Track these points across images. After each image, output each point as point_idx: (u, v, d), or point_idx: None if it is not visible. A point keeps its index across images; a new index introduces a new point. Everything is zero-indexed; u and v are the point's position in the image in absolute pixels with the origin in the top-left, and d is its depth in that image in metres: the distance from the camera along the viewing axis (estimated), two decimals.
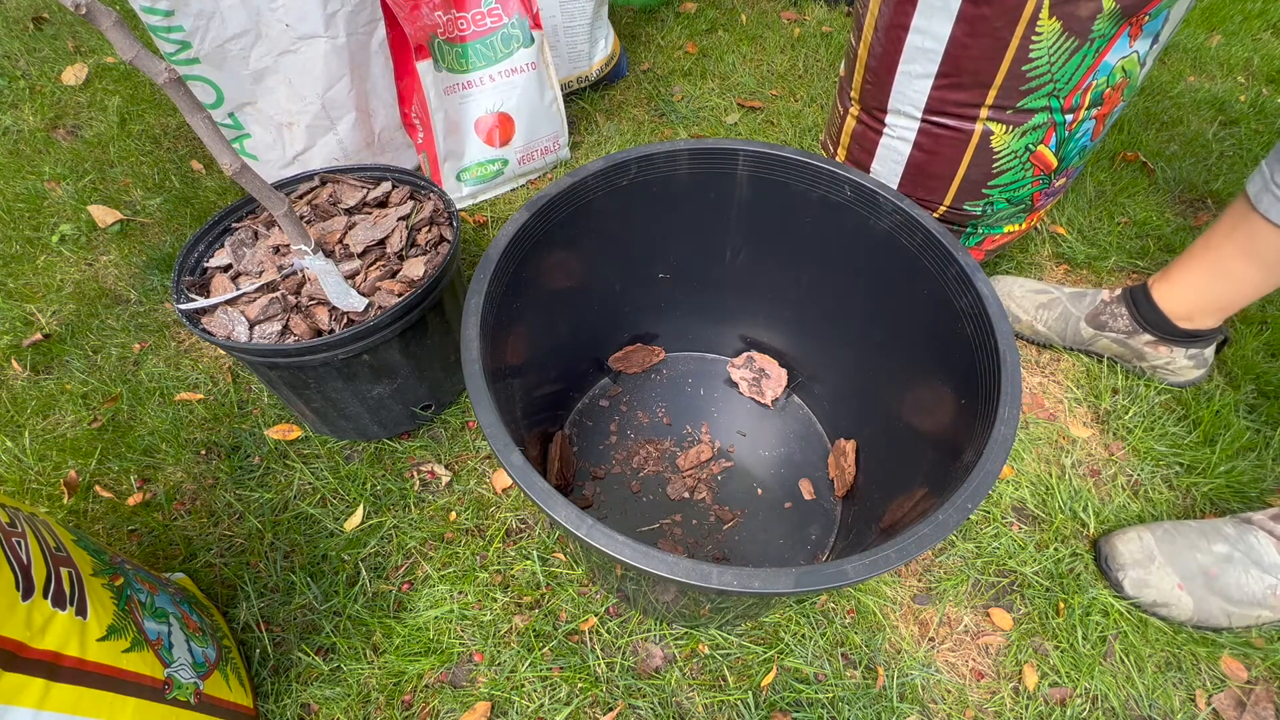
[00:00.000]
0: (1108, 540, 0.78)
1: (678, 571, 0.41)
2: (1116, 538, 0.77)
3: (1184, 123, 1.38)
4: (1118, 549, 0.76)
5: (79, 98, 1.43)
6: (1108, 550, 0.77)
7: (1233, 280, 0.81)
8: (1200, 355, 0.90)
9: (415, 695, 0.70)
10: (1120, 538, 0.77)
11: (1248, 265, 0.79)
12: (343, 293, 0.72)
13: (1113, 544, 0.77)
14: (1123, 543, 0.76)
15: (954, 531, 0.56)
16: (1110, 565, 0.76)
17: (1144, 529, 0.77)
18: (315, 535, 0.81)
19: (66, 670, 0.46)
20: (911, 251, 0.63)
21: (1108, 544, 0.77)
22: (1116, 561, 0.75)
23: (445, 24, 1.01)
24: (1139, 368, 0.95)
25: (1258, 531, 0.73)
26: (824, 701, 0.69)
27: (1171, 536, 0.75)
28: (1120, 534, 0.77)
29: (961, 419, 0.56)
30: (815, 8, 1.73)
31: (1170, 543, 0.74)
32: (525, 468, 0.46)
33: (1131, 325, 0.92)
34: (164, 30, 0.90)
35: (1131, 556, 0.75)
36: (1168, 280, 0.88)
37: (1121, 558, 0.75)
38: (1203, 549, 0.73)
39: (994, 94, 0.75)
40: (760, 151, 0.69)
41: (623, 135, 1.36)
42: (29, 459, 0.87)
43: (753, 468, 0.85)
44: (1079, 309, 0.96)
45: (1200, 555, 0.73)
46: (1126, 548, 0.76)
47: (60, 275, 1.10)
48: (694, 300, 0.87)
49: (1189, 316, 0.87)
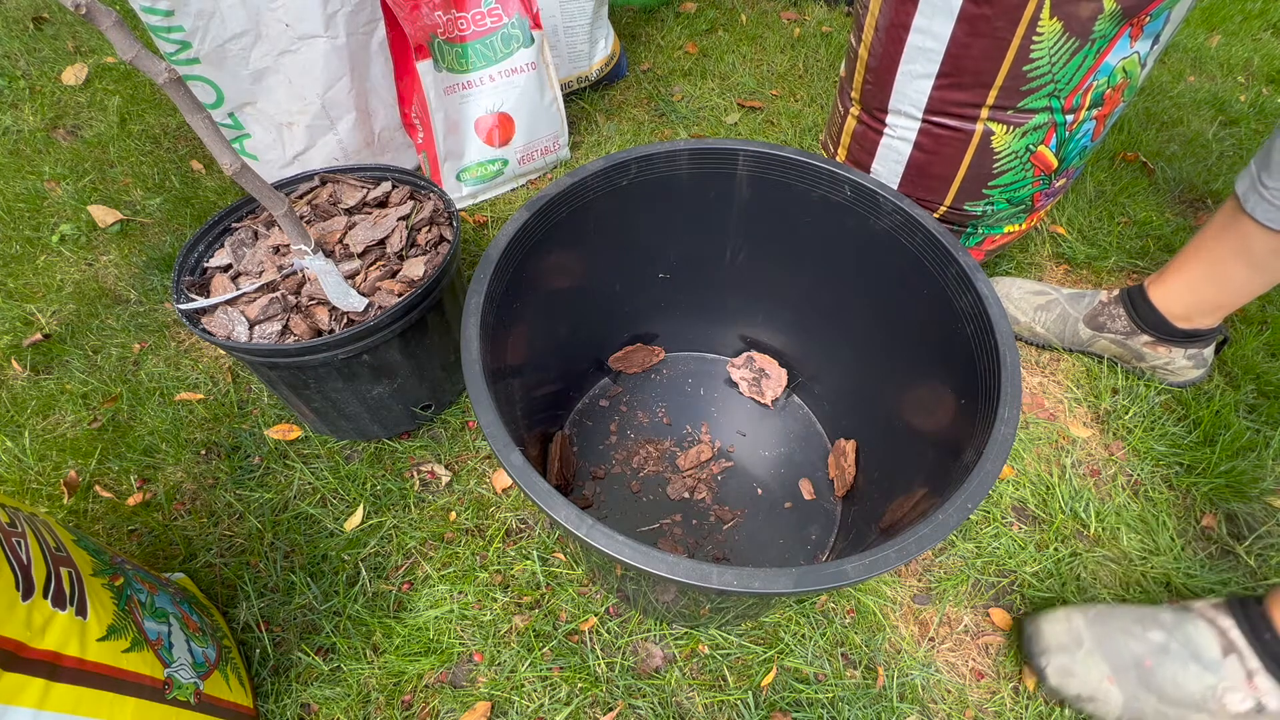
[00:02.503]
0: (1033, 621, 0.70)
1: (678, 571, 0.41)
2: (1043, 619, 0.69)
3: (1184, 123, 1.39)
4: (1042, 630, 0.68)
5: (79, 98, 1.43)
6: (1031, 631, 0.69)
7: (1227, 281, 0.81)
8: (1200, 355, 0.90)
9: (415, 695, 0.70)
10: (1046, 619, 0.69)
11: (1240, 266, 0.78)
12: (343, 293, 0.72)
13: (1038, 625, 0.69)
14: (1048, 624, 0.68)
15: (954, 531, 0.56)
16: (1033, 649, 0.68)
17: (1074, 610, 0.69)
18: (315, 535, 0.81)
19: (66, 670, 0.46)
20: (911, 251, 0.63)
21: (1033, 624, 0.69)
22: (1040, 645, 0.67)
23: (445, 24, 1.01)
24: (1139, 368, 0.95)
25: (1198, 621, 0.64)
26: (824, 701, 0.69)
27: (1103, 619, 0.67)
28: (1047, 615, 0.69)
29: (961, 419, 0.56)
30: (815, 8, 1.73)
31: (1101, 625, 0.66)
32: (525, 468, 0.46)
33: (1130, 326, 0.91)
34: (164, 30, 0.90)
35: (1056, 640, 0.66)
36: (1164, 281, 0.88)
37: (1045, 640, 0.67)
38: (1137, 635, 0.65)
39: (995, 94, 0.75)
40: (760, 151, 0.69)
41: (623, 135, 1.36)
42: (29, 459, 0.87)
43: (753, 468, 0.85)
44: (1077, 310, 0.95)
45: (1134, 643, 0.64)
46: (1052, 629, 0.67)
47: (60, 275, 1.10)
48: (694, 300, 0.87)
49: (1186, 316, 0.86)
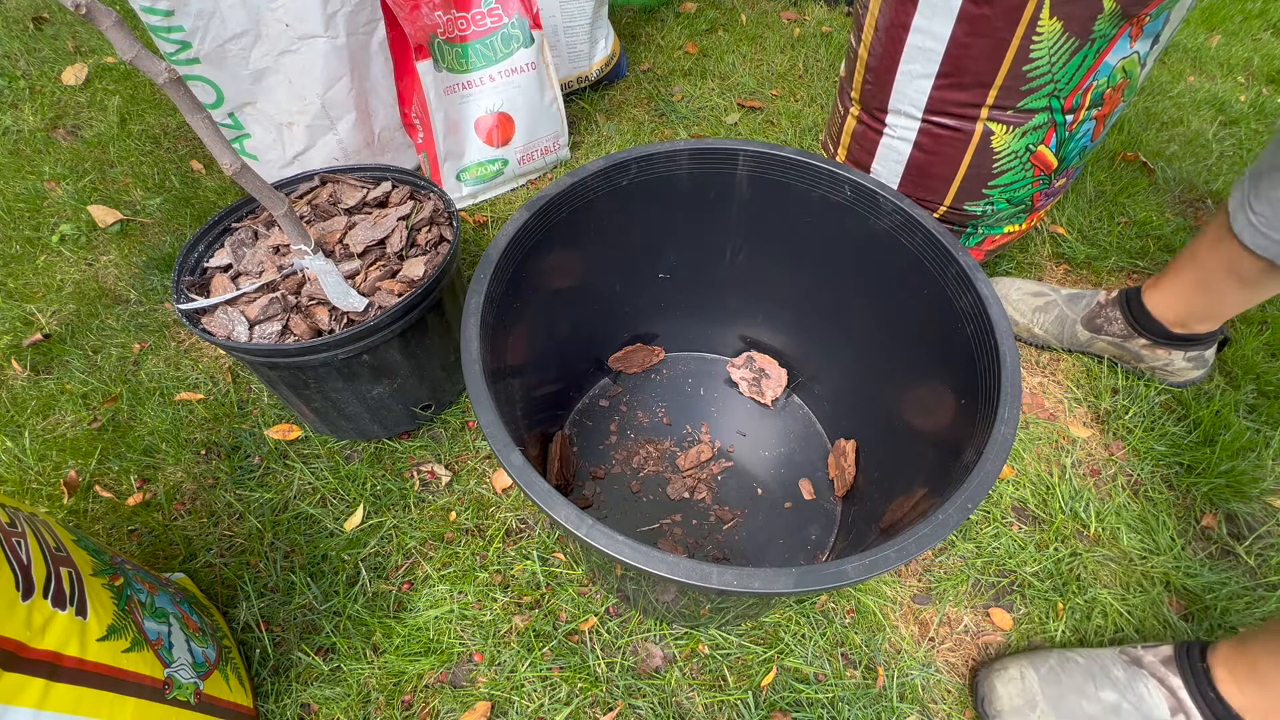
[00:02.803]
0: (986, 678, 0.69)
1: (678, 571, 0.41)
2: (996, 676, 0.68)
3: (1184, 123, 1.39)
4: (996, 690, 0.67)
5: (79, 98, 1.43)
6: (985, 691, 0.68)
7: (1219, 294, 0.81)
8: (1200, 356, 0.90)
9: (415, 695, 0.70)
10: (1000, 676, 0.68)
11: (1232, 282, 0.78)
12: (343, 293, 0.72)
13: (991, 683, 0.68)
14: (1002, 683, 0.67)
15: (954, 531, 0.56)
16: (986, 709, 0.67)
17: (1027, 664, 0.68)
18: (315, 535, 0.81)
19: (66, 670, 0.46)
20: (911, 251, 0.63)
21: (986, 683, 0.68)
22: (994, 707, 0.66)
23: (445, 24, 1.01)
24: (1138, 368, 0.95)
25: (1148, 680, 0.64)
26: (824, 701, 0.69)
27: (1056, 676, 0.66)
28: (1000, 672, 0.68)
29: (961, 419, 0.56)
30: (815, 8, 1.73)
31: (1055, 684, 0.66)
32: (525, 468, 0.46)
33: (1126, 329, 0.91)
34: (164, 30, 0.90)
35: (1011, 702, 0.66)
36: (1159, 287, 0.88)
37: (1000, 702, 0.66)
38: (1090, 695, 0.65)
39: (994, 94, 0.75)
40: (760, 151, 0.69)
41: (623, 135, 1.36)
42: (29, 459, 0.87)
43: (753, 468, 0.85)
44: (1075, 311, 0.95)
45: (1087, 704, 0.64)
46: (1006, 690, 0.66)
47: (60, 275, 1.10)
48: (694, 300, 0.87)
49: (1182, 323, 0.87)
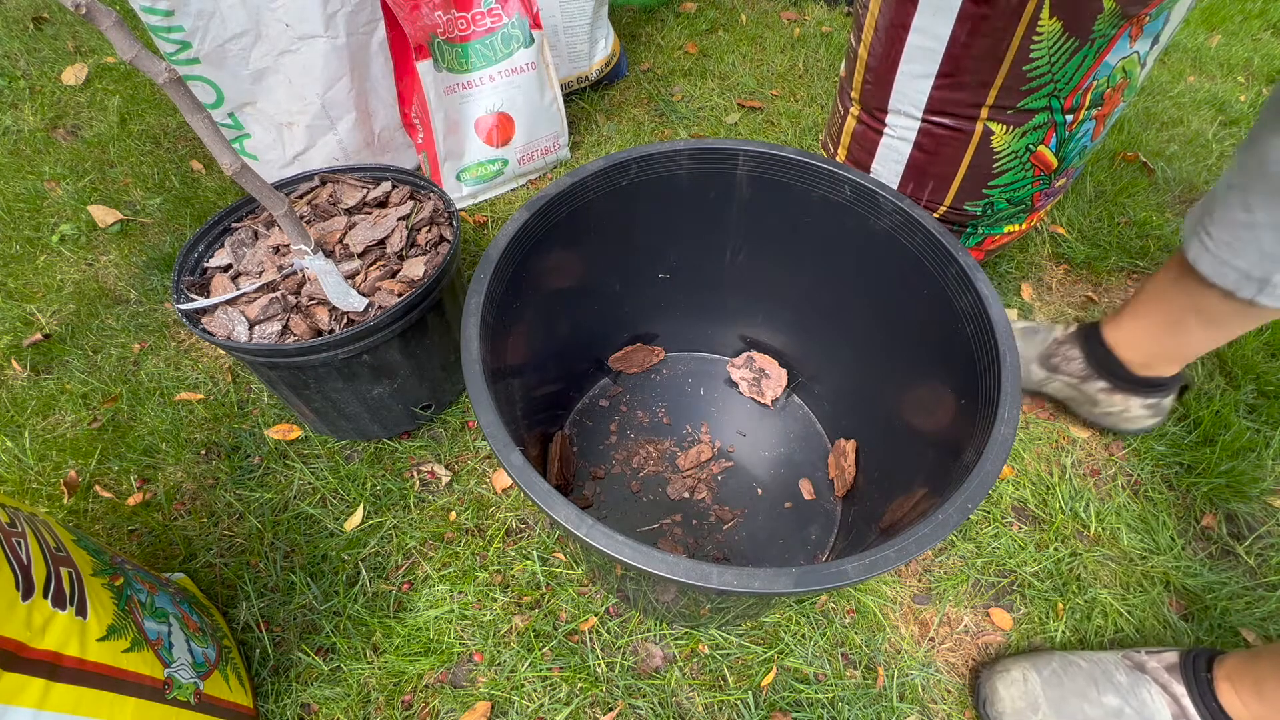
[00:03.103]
0: (988, 679, 0.68)
1: (678, 571, 0.41)
2: (998, 678, 0.67)
3: (1184, 123, 1.39)
4: (998, 692, 0.66)
5: (79, 98, 1.43)
6: (987, 692, 0.67)
7: (1186, 333, 0.74)
8: (1158, 405, 0.83)
9: (415, 695, 0.70)
10: (1002, 678, 0.67)
11: (1198, 323, 0.72)
12: (343, 293, 0.72)
13: (993, 685, 0.67)
14: (1004, 685, 0.66)
15: (954, 531, 0.56)
16: (987, 710, 0.67)
17: (1029, 666, 0.67)
18: (315, 535, 0.81)
19: (66, 670, 0.46)
20: (911, 251, 0.63)
21: (988, 684, 0.68)
22: (995, 708, 0.66)
23: (445, 24, 1.01)
24: (1090, 414, 0.87)
25: (1151, 685, 0.64)
26: (824, 701, 0.69)
27: (1059, 679, 0.66)
28: (1002, 674, 0.67)
29: (961, 419, 0.56)
30: (815, 8, 1.73)
31: (1058, 687, 0.65)
32: (525, 468, 0.46)
33: (1086, 369, 0.84)
34: (164, 30, 0.90)
35: (1013, 704, 0.65)
36: (1120, 326, 0.80)
37: (1002, 704, 0.65)
38: (1092, 699, 0.64)
39: (994, 94, 0.75)
40: (760, 151, 0.69)
41: (623, 135, 1.36)
42: (29, 459, 0.87)
43: (753, 468, 0.85)
44: (1030, 349, 0.88)
45: (1089, 708, 0.64)
46: (1008, 692, 0.66)
47: (60, 275, 1.10)
48: (694, 300, 0.87)
49: (1147, 364, 0.79)
